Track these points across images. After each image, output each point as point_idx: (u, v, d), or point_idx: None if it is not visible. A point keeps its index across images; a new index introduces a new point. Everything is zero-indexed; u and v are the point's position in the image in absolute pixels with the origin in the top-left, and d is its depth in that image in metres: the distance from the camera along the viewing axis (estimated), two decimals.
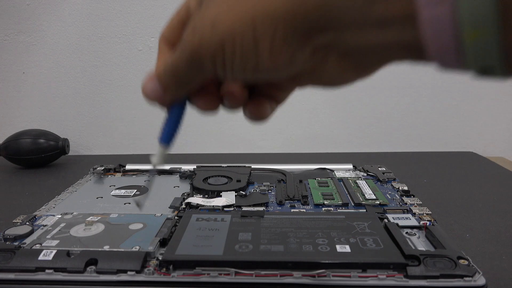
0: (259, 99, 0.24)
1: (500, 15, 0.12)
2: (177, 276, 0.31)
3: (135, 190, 0.50)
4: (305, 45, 0.18)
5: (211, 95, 0.24)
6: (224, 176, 0.53)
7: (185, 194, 0.48)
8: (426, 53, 0.15)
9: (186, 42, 0.20)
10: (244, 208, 0.43)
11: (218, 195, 0.47)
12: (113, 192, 0.50)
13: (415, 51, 0.15)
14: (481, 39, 0.13)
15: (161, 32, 0.24)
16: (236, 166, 0.57)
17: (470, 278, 0.30)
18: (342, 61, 0.19)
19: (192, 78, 0.22)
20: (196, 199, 0.45)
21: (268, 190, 0.49)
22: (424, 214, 0.41)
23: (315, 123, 0.79)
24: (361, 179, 0.53)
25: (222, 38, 0.18)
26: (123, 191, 0.50)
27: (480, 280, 0.30)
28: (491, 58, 0.13)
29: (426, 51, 0.15)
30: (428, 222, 0.39)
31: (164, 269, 0.32)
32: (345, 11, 0.16)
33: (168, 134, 0.27)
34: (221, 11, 0.18)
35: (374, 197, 0.46)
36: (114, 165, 0.59)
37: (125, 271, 0.31)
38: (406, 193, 0.48)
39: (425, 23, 0.14)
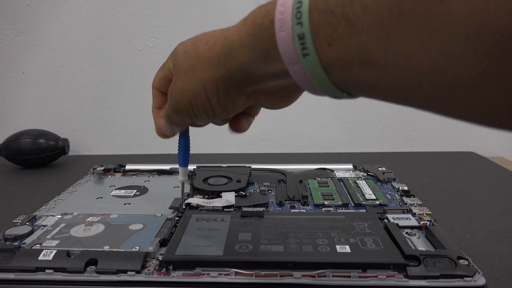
0: (238, 117, 0.33)
1: (324, 69, 0.20)
2: (177, 276, 0.31)
3: (135, 190, 0.50)
4: (240, 94, 0.27)
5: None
6: (224, 176, 0.53)
7: (185, 194, 0.48)
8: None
9: (170, 102, 0.30)
10: (244, 208, 0.43)
11: (218, 195, 0.47)
12: (113, 192, 0.50)
13: (302, 88, 0.23)
14: (321, 83, 0.21)
15: (153, 82, 0.33)
16: (236, 166, 0.57)
17: (470, 278, 0.30)
18: (270, 97, 0.29)
19: (181, 122, 0.31)
20: (196, 200, 0.45)
21: (268, 190, 0.49)
22: (424, 214, 0.41)
23: (315, 123, 0.79)
24: (361, 179, 0.53)
25: (188, 99, 0.28)
26: (123, 191, 0.50)
27: (480, 280, 0.30)
28: (334, 92, 0.22)
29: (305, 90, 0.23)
30: (428, 222, 0.39)
31: (164, 269, 0.32)
32: (253, 72, 0.24)
33: (184, 159, 0.38)
34: (184, 81, 0.28)
35: (374, 197, 0.46)
36: (114, 165, 0.59)
37: (125, 271, 0.31)
38: (406, 193, 0.48)
39: (293, 77, 0.22)
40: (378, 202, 0.45)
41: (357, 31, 0.18)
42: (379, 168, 0.57)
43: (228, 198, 0.45)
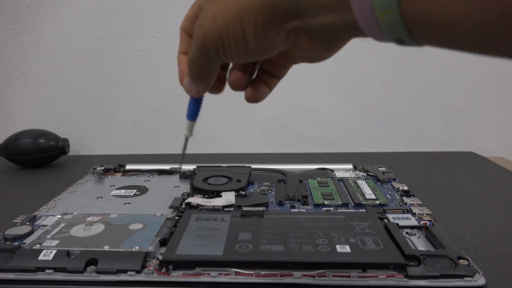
0: (257, 83, 0.29)
1: None
2: (177, 276, 0.31)
3: (135, 190, 0.50)
4: (280, 30, 0.23)
5: (219, 81, 0.30)
6: (224, 176, 0.53)
7: (185, 194, 0.48)
8: (363, 30, 0.20)
9: (196, 36, 0.25)
10: (244, 208, 0.43)
11: (218, 195, 0.47)
12: (113, 192, 0.50)
13: (356, 30, 0.20)
14: (389, 17, 0.18)
15: (181, 23, 0.30)
16: (236, 166, 0.57)
17: (470, 278, 0.30)
18: (312, 40, 0.24)
19: (206, 67, 0.27)
20: (196, 199, 0.45)
21: (268, 190, 0.49)
22: (424, 214, 0.41)
23: (315, 123, 0.79)
24: (361, 179, 0.53)
25: (220, 29, 0.24)
26: (123, 191, 0.50)
27: (480, 280, 0.30)
28: (399, 32, 0.18)
29: (362, 28, 0.20)
30: (428, 222, 0.39)
31: (164, 269, 0.32)
32: (303, 1, 0.21)
33: (193, 113, 0.34)
34: (218, 8, 0.24)
35: (374, 197, 0.46)
36: (114, 165, 0.59)
37: (125, 271, 0.31)
38: (406, 193, 0.48)
39: (354, 8, 0.19)
40: (378, 202, 0.45)
41: None
42: (379, 168, 0.57)
43: (228, 197, 0.45)
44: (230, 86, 0.29)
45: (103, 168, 0.58)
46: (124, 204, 0.46)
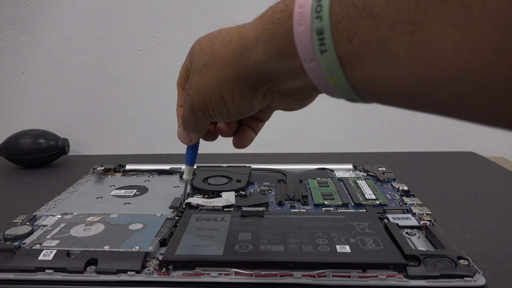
0: (244, 128, 0.33)
1: (342, 67, 0.19)
2: (177, 276, 0.31)
3: (135, 190, 0.50)
4: (255, 94, 0.26)
5: (211, 132, 0.34)
6: (224, 176, 0.53)
7: (187, 194, 0.48)
8: (321, 91, 0.23)
9: (186, 102, 0.29)
10: (244, 208, 0.43)
11: (218, 195, 0.47)
12: (113, 192, 0.50)
13: (317, 89, 0.23)
14: (338, 83, 0.20)
15: (177, 79, 0.34)
16: (236, 166, 0.57)
17: (470, 278, 0.30)
18: (284, 98, 0.27)
19: (197, 124, 0.31)
20: (196, 199, 0.45)
21: (268, 190, 0.49)
22: (424, 214, 0.41)
23: (315, 123, 0.79)
24: (361, 179, 0.53)
25: (203, 98, 0.27)
26: (123, 191, 0.50)
27: (480, 280, 0.30)
28: (349, 94, 0.21)
29: (320, 90, 0.23)
30: (428, 222, 0.39)
31: (164, 269, 0.32)
32: (269, 70, 0.24)
33: (191, 159, 0.38)
34: (200, 80, 0.27)
35: (374, 197, 0.46)
36: (114, 165, 0.59)
37: (125, 271, 0.31)
38: (406, 193, 0.48)
39: (309, 75, 0.21)
40: (378, 202, 0.45)
41: (379, 25, 0.17)
42: (379, 168, 0.57)
43: (228, 197, 0.45)
44: (219, 133, 0.33)
45: (103, 168, 0.58)
46: (124, 204, 0.46)
